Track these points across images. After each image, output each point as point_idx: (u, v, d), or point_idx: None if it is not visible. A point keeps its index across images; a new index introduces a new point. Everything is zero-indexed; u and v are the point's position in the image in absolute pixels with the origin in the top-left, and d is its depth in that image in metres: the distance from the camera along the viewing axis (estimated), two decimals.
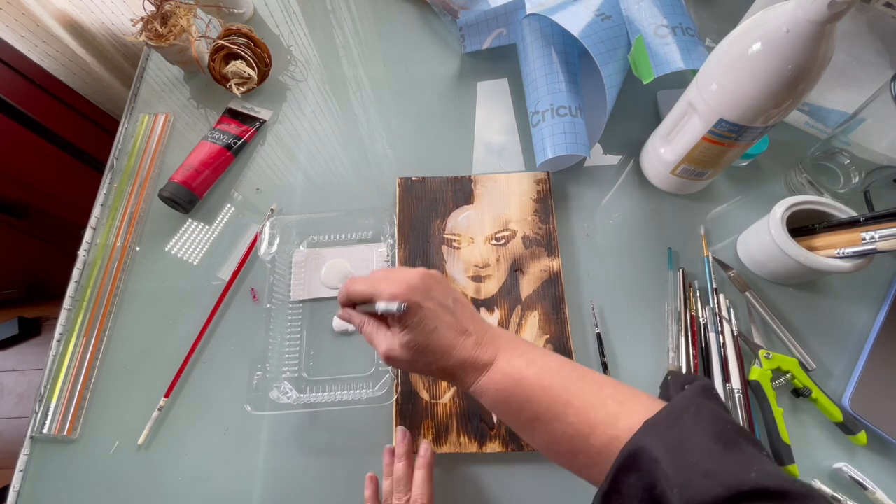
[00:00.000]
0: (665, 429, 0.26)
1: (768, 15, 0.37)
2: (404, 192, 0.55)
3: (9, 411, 1.17)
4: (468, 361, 0.32)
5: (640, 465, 0.26)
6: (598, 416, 0.29)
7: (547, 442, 0.31)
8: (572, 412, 0.29)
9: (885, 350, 0.46)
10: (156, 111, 0.62)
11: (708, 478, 0.23)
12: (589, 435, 0.29)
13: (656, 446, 0.25)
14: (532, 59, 0.56)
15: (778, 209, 0.46)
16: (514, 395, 0.31)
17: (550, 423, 0.30)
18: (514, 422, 0.32)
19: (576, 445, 0.29)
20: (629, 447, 0.26)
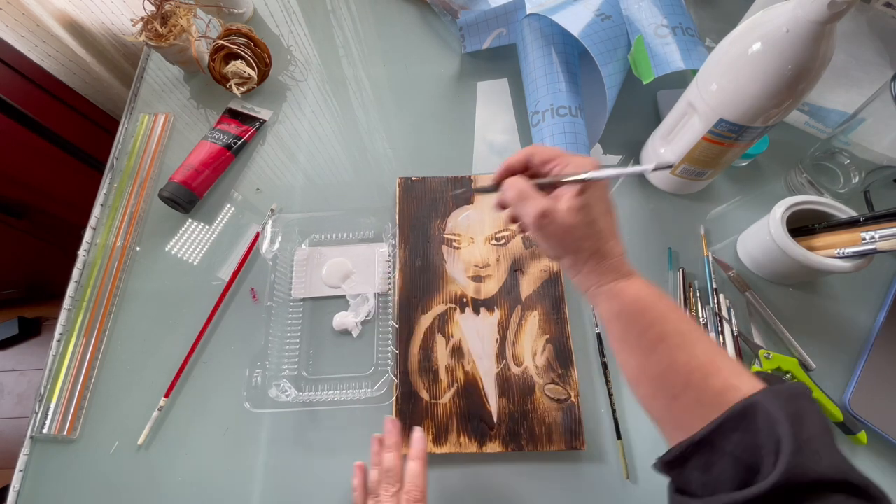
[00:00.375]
0: (788, 401, 0.25)
1: (768, 15, 0.37)
2: (404, 192, 0.55)
3: (9, 411, 1.16)
4: (616, 260, 0.32)
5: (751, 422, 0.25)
6: (724, 364, 0.28)
7: (663, 367, 0.29)
8: (702, 349, 0.29)
9: (885, 350, 0.46)
10: (156, 111, 0.62)
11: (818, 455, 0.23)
12: (710, 375, 0.28)
13: (778, 413, 0.24)
14: (532, 59, 0.56)
15: (778, 209, 0.46)
16: (649, 310, 0.31)
17: (677, 350, 0.29)
18: (636, 338, 0.31)
19: (692, 380, 0.28)
20: (750, 401, 0.26)
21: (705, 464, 0.26)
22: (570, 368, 0.46)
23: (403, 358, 0.47)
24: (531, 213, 0.32)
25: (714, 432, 0.26)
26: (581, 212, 0.31)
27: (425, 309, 0.49)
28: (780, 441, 0.24)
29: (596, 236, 0.32)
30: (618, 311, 0.32)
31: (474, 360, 0.47)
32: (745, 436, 0.25)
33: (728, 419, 0.26)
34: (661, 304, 0.31)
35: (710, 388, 0.27)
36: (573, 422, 0.44)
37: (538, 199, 0.32)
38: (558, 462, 0.44)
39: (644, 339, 0.31)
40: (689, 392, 0.28)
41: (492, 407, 0.45)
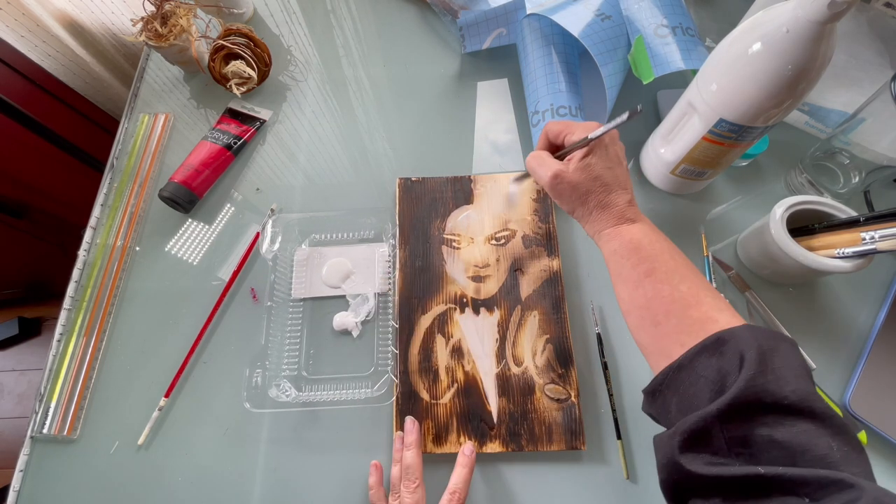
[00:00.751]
0: (764, 336, 0.27)
1: (768, 15, 0.37)
2: (404, 193, 0.55)
3: (9, 411, 1.17)
4: (619, 208, 0.37)
5: (724, 350, 0.27)
6: (707, 299, 0.31)
7: (648, 297, 0.33)
8: (686, 284, 0.32)
9: (885, 350, 0.46)
10: (156, 111, 0.62)
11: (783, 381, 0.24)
12: (691, 306, 0.30)
13: (750, 343, 0.26)
14: (532, 59, 0.56)
15: (778, 209, 0.46)
16: (643, 248, 0.34)
17: (661, 284, 0.32)
18: (628, 272, 0.34)
19: (673, 310, 0.31)
20: (726, 331, 0.28)
21: (683, 388, 0.28)
22: (570, 368, 0.46)
23: (403, 358, 0.47)
24: (546, 176, 0.38)
25: (691, 357, 0.28)
26: (585, 170, 0.37)
27: (425, 309, 0.49)
28: (743, 364, 0.25)
29: (600, 189, 0.37)
30: (615, 248, 0.36)
31: (474, 360, 0.47)
32: (719, 360, 0.27)
33: (704, 346, 0.28)
34: (655, 245, 0.34)
35: (690, 318, 0.30)
36: (573, 421, 0.44)
37: (551, 164, 0.38)
38: (558, 462, 0.44)
39: (634, 272, 0.34)
40: (670, 320, 0.31)
41: (492, 407, 0.45)
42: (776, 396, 0.24)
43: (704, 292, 0.31)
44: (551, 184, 0.38)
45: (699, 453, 0.25)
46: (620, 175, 0.37)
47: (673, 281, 0.32)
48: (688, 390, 0.28)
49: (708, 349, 0.28)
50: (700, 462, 0.25)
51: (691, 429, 0.26)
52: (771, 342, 0.27)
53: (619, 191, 0.37)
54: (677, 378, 0.29)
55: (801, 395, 0.24)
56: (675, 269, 0.33)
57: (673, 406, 0.29)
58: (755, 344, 0.26)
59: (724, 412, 0.25)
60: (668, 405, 0.30)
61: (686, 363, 0.28)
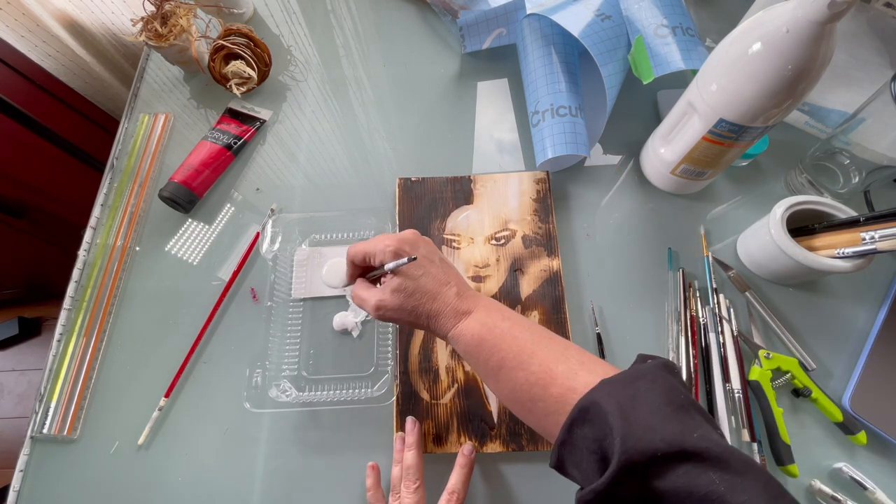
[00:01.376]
0: (620, 387, 0.27)
1: (768, 15, 0.37)
2: (404, 193, 0.55)
3: (9, 411, 1.17)
4: (449, 308, 0.35)
5: (591, 417, 0.27)
6: (559, 368, 0.31)
7: (510, 389, 0.32)
8: (536, 362, 0.32)
9: (885, 350, 0.46)
10: (156, 111, 0.62)
11: (651, 431, 0.24)
12: (549, 384, 0.30)
13: (608, 401, 0.26)
14: (532, 59, 0.56)
15: (778, 209, 0.46)
16: (485, 342, 0.34)
17: (515, 371, 0.32)
18: (483, 368, 0.34)
19: (536, 394, 0.31)
20: (584, 401, 0.28)
21: (575, 463, 0.28)
22: None
23: (403, 358, 0.47)
24: (371, 308, 0.37)
25: (568, 433, 0.28)
26: (400, 291, 0.36)
27: None
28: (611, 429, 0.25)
29: (423, 301, 0.36)
30: (464, 349, 0.35)
31: None
32: (591, 429, 0.27)
33: (573, 420, 0.28)
34: (495, 332, 0.34)
35: (551, 398, 0.30)
36: None
37: (371, 295, 0.37)
38: None
39: (488, 367, 0.34)
40: (537, 404, 0.31)
41: (492, 407, 0.45)
42: (648, 453, 0.23)
43: (554, 362, 0.31)
44: (377, 315, 0.37)
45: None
46: (437, 274, 0.36)
47: (523, 364, 0.32)
48: (580, 464, 0.28)
49: (577, 422, 0.28)
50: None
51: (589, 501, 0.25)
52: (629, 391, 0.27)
53: (443, 290, 0.36)
54: (566, 453, 0.29)
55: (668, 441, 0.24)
56: (520, 350, 0.32)
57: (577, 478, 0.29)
58: (614, 403, 0.26)
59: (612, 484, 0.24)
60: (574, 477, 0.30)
61: (567, 439, 0.28)
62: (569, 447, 0.28)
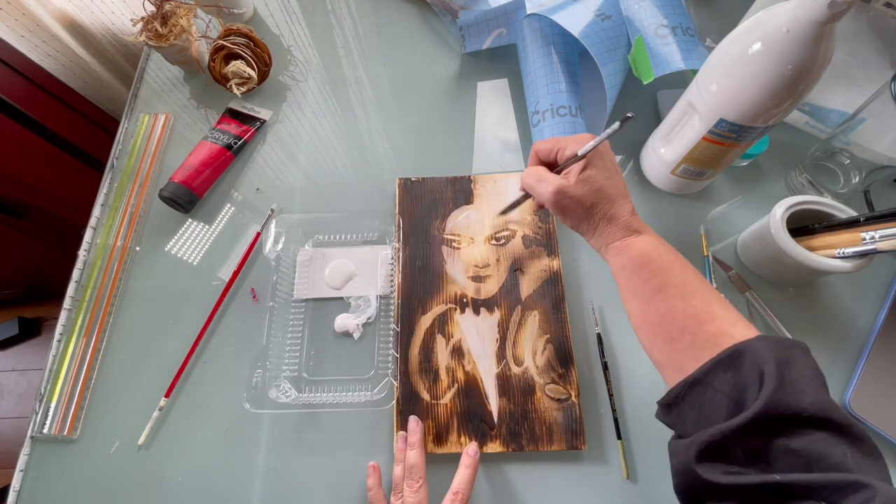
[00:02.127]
0: (778, 346, 0.27)
1: (768, 15, 0.37)
2: (404, 193, 0.55)
3: (9, 411, 1.16)
4: (624, 219, 0.36)
5: (741, 364, 0.27)
6: (719, 312, 0.31)
7: (661, 314, 0.32)
8: (699, 298, 0.31)
9: (886, 350, 0.46)
10: (156, 111, 0.62)
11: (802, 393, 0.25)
12: (705, 322, 0.30)
13: (766, 355, 0.26)
14: (532, 59, 0.56)
15: (778, 209, 0.46)
16: (652, 262, 0.34)
17: (674, 298, 0.32)
18: (639, 287, 0.34)
19: (687, 326, 0.31)
20: (740, 346, 0.28)
21: (699, 402, 0.29)
22: (571, 368, 0.46)
23: (404, 358, 0.47)
24: (548, 191, 0.37)
25: (707, 372, 0.28)
26: (587, 183, 0.35)
27: (425, 309, 0.49)
28: (763, 378, 0.26)
29: (604, 201, 0.36)
30: (624, 263, 0.35)
31: (474, 360, 0.47)
32: (735, 374, 0.27)
33: (720, 360, 0.28)
34: (665, 258, 0.34)
35: (704, 333, 0.30)
36: (574, 421, 0.44)
37: (551, 179, 0.37)
38: (559, 462, 0.44)
39: (645, 287, 0.33)
40: (684, 336, 0.31)
41: (492, 407, 0.45)
42: (795, 409, 0.24)
43: (716, 305, 0.31)
44: (554, 199, 0.37)
45: (715, 463, 0.26)
46: (620, 184, 0.37)
47: (685, 295, 0.32)
48: (704, 404, 0.28)
49: (724, 363, 0.28)
50: (716, 471, 0.25)
51: (709, 440, 0.26)
52: (786, 352, 0.27)
53: (622, 201, 0.36)
54: (693, 392, 0.29)
55: (819, 406, 0.25)
56: (685, 283, 0.32)
57: (689, 419, 0.29)
58: (772, 356, 0.26)
59: (745, 427, 0.25)
60: (684, 417, 0.30)
61: (701, 377, 0.29)
62: (701, 386, 0.28)
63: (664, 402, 0.31)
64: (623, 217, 0.36)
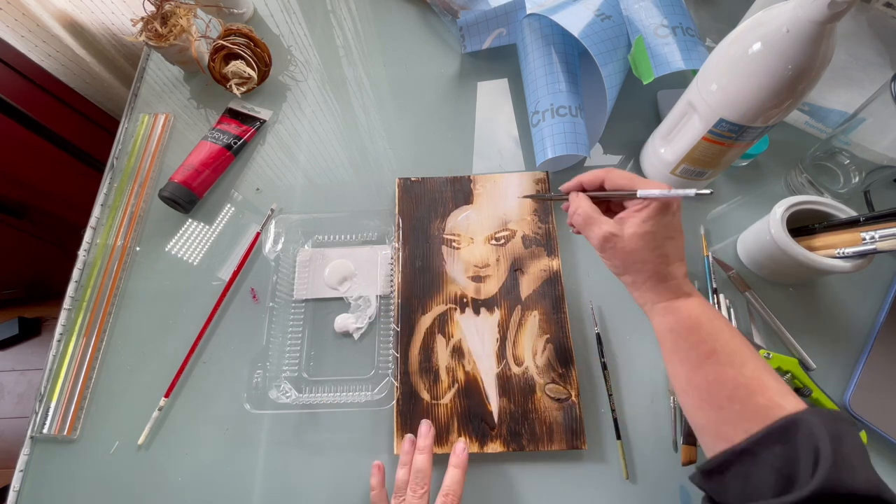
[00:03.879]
0: (829, 420, 0.27)
1: (768, 15, 0.37)
2: (404, 193, 0.55)
3: (9, 411, 1.16)
4: (677, 281, 0.34)
5: (794, 437, 0.27)
6: (771, 383, 0.30)
7: (710, 381, 0.31)
8: (750, 367, 0.31)
9: (885, 350, 0.46)
10: (156, 111, 0.62)
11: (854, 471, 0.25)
12: (756, 392, 0.30)
13: (820, 430, 0.26)
14: (532, 59, 0.56)
15: (778, 209, 0.46)
16: (703, 328, 0.32)
17: (724, 367, 0.31)
18: (687, 352, 0.33)
19: (737, 395, 0.30)
20: (793, 417, 0.27)
21: (745, 473, 0.28)
22: (571, 368, 0.46)
23: (404, 358, 0.47)
24: (597, 236, 0.35)
25: (757, 443, 0.28)
26: (644, 237, 0.33)
27: (425, 309, 0.49)
28: (818, 454, 0.25)
29: (658, 260, 0.34)
30: (672, 325, 0.34)
31: (475, 360, 0.47)
32: (786, 448, 0.27)
33: (771, 432, 0.27)
34: (714, 323, 0.33)
35: (755, 404, 0.29)
36: (574, 421, 0.44)
37: (602, 224, 0.35)
38: (559, 461, 0.44)
39: (694, 352, 0.32)
40: (734, 405, 0.30)
41: (492, 407, 0.45)
42: (850, 488, 0.24)
43: (767, 375, 0.30)
44: (602, 246, 0.35)
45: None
46: (681, 247, 0.35)
47: (735, 363, 0.31)
48: (751, 476, 0.28)
49: (774, 435, 0.28)
50: None
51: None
52: (837, 427, 0.27)
53: (678, 262, 0.34)
54: (739, 462, 0.28)
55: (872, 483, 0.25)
56: (736, 350, 0.31)
57: (732, 489, 0.29)
58: (825, 432, 0.26)
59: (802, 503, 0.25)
60: (727, 487, 0.29)
61: (750, 448, 0.28)
62: (749, 457, 0.28)
63: (706, 469, 0.31)
64: (676, 279, 0.34)
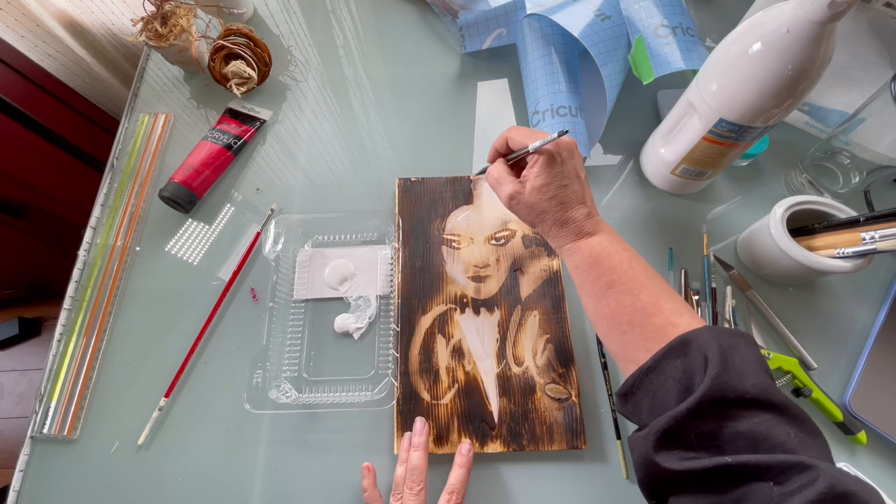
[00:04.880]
0: (722, 335, 0.29)
1: (768, 15, 0.37)
2: (404, 193, 0.55)
3: (9, 411, 1.16)
4: (575, 224, 0.36)
5: (689, 351, 0.29)
6: (666, 304, 0.32)
7: (612, 309, 0.34)
8: (647, 293, 0.33)
9: (885, 350, 0.46)
10: (156, 111, 0.62)
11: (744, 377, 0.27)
12: (653, 314, 0.32)
13: (710, 342, 0.28)
14: (532, 59, 0.56)
15: (778, 209, 0.46)
16: (601, 262, 0.35)
17: (623, 295, 0.33)
18: (590, 285, 0.36)
19: (637, 319, 0.32)
20: (687, 335, 0.30)
21: (652, 390, 0.30)
22: (571, 368, 0.46)
23: (404, 358, 0.47)
24: (504, 195, 0.38)
25: (658, 360, 0.30)
26: (540, 191, 0.36)
27: (425, 309, 0.49)
28: (707, 363, 0.27)
29: (557, 208, 0.37)
30: (577, 263, 0.37)
31: (475, 361, 0.47)
32: (683, 361, 0.29)
33: (672, 348, 0.30)
34: (615, 257, 0.35)
35: (652, 325, 0.32)
36: (574, 421, 0.44)
37: (508, 184, 0.38)
38: (559, 461, 0.44)
39: (596, 285, 0.35)
40: (634, 329, 0.33)
41: (493, 407, 0.45)
42: (738, 392, 0.26)
43: (664, 298, 0.33)
44: (508, 204, 0.38)
45: (672, 450, 0.27)
46: (578, 190, 0.37)
47: (633, 291, 0.33)
48: (657, 391, 0.30)
49: (673, 351, 0.30)
50: (674, 458, 0.27)
51: (664, 428, 0.27)
52: (730, 340, 0.29)
53: (577, 206, 0.37)
54: (646, 380, 0.31)
55: (760, 388, 0.26)
56: (633, 279, 0.34)
57: (644, 407, 0.31)
58: (716, 344, 0.28)
59: (693, 410, 0.26)
60: (640, 406, 0.31)
61: (654, 366, 0.30)
62: (653, 374, 0.30)
63: (621, 392, 0.33)
64: (575, 221, 0.36)
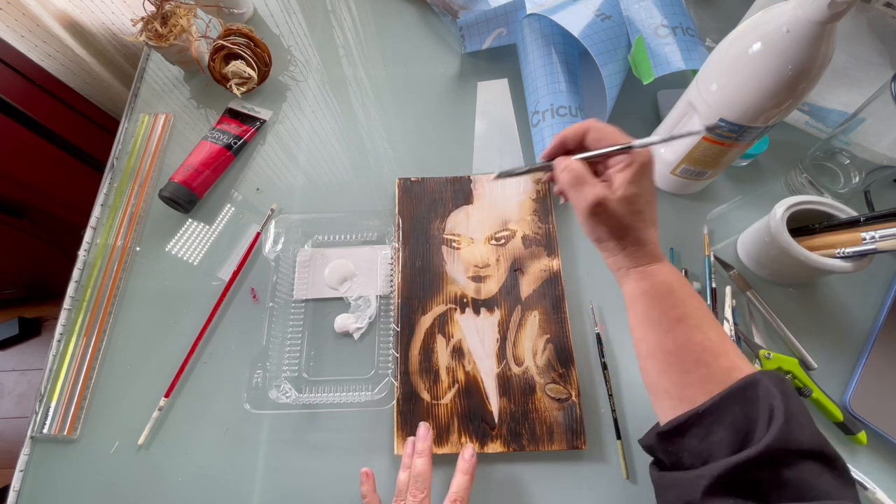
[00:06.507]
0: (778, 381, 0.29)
1: (768, 15, 0.37)
2: (404, 193, 0.55)
3: (9, 411, 1.16)
4: (651, 245, 0.34)
5: (752, 397, 0.28)
6: (730, 348, 0.32)
7: (679, 345, 0.32)
8: (715, 332, 0.32)
9: (886, 350, 0.46)
10: (156, 111, 0.62)
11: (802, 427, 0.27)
12: (720, 355, 0.31)
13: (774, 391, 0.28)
14: (532, 59, 0.56)
15: (778, 209, 0.46)
16: (676, 292, 0.33)
17: (694, 330, 0.32)
18: (659, 315, 0.33)
19: (703, 358, 0.31)
20: (752, 377, 0.29)
21: (704, 433, 0.29)
22: (571, 368, 0.46)
23: (404, 358, 0.47)
24: (587, 200, 0.33)
25: (718, 404, 0.29)
26: (630, 201, 0.33)
27: (425, 309, 0.49)
28: (773, 411, 0.27)
29: (640, 224, 0.34)
30: (645, 289, 0.34)
31: (475, 361, 0.47)
32: (745, 406, 0.28)
33: (733, 392, 0.29)
34: (685, 288, 0.34)
35: (719, 367, 0.30)
36: (574, 421, 0.44)
37: (593, 186, 0.33)
38: (559, 461, 0.44)
39: (666, 316, 0.33)
40: (700, 368, 0.31)
41: (493, 407, 0.45)
42: (798, 443, 0.26)
43: (727, 341, 0.32)
44: (589, 211, 0.33)
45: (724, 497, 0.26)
46: (655, 211, 0.35)
47: (703, 328, 0.32)
48: (710, 435, 0.29)
49: (734, 396, 0.29)
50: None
51: (721, 473, 0.26)
52: (784, 387, 0.28)
53: (653, 227, 0.35)
54: (700, 422, 0.29)
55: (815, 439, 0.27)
56: (703, 316, 0.32)
57: (689, 448, 0.30)
58: (779, 392, 0.27)
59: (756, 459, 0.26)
60: (684, 447, 0.30)
61: (712, 409, 0.29)
62: (710, 417, 0.29)
63: (665, 430, 0.31)
64: (651, 243, 0.34)
